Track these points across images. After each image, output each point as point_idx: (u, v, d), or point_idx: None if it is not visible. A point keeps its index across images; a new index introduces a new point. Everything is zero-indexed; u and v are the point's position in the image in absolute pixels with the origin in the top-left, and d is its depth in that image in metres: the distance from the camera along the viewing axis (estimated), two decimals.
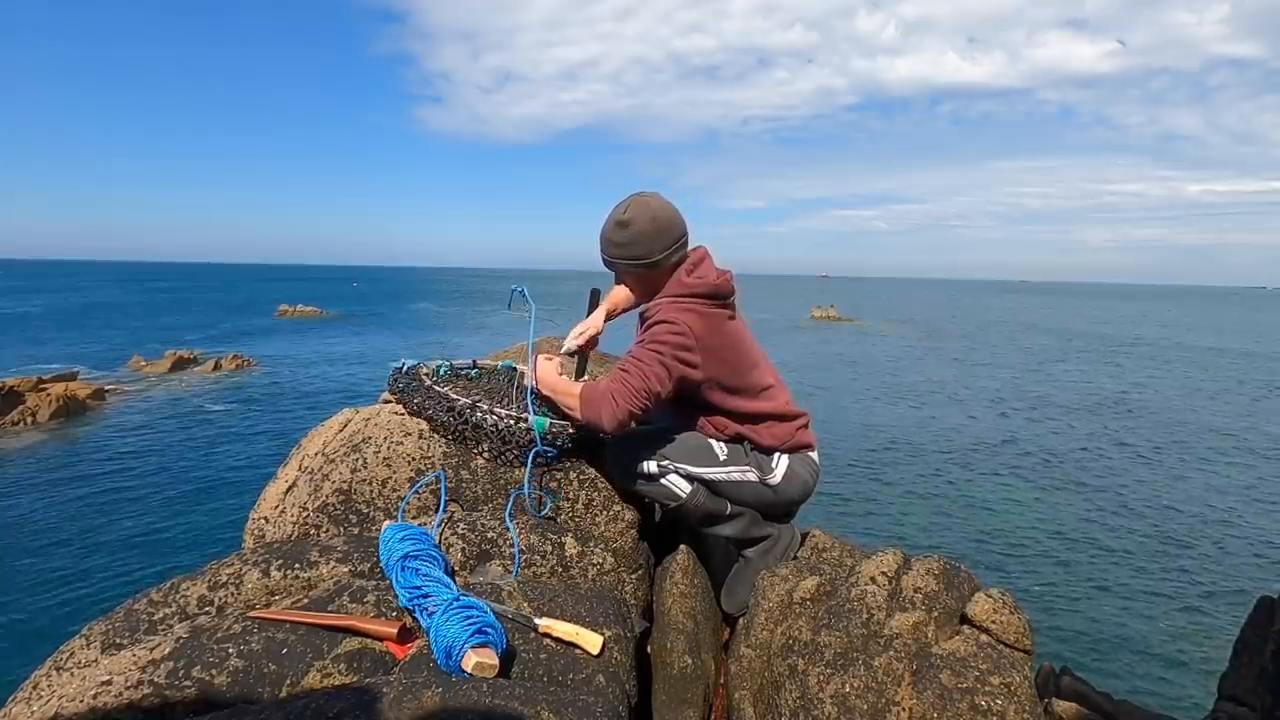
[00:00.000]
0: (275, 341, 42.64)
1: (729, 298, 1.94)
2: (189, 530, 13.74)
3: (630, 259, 1.91)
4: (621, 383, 1.76)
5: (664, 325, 1.81)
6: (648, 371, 1.77)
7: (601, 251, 1.97)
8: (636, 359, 1.80)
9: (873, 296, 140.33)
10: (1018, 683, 1.40)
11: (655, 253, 1.89)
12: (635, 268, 1.92)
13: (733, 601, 2.08)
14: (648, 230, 1.88)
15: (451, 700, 1.10)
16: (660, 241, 1.89)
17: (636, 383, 1.75)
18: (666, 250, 1.90)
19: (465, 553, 1.68)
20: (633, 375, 1.77)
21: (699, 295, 1.87)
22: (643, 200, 1.91)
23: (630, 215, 1.89)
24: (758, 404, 1.97)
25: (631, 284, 2.02)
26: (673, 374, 1.80)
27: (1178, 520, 14.75)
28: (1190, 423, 24.07)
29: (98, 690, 1.18)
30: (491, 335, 44.37)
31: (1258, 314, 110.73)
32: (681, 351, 1.80)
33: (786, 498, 2.05)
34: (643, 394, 1.75)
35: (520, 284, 2.28)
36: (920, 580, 1.64)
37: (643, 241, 1.88)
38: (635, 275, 1.97)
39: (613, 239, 1.92)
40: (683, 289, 1.88)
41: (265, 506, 2.02)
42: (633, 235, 1.88)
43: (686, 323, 1.81)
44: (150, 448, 19.21)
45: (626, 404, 1.74)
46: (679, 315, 1.82)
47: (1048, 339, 54.97)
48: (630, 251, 1.90)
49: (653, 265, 1.91)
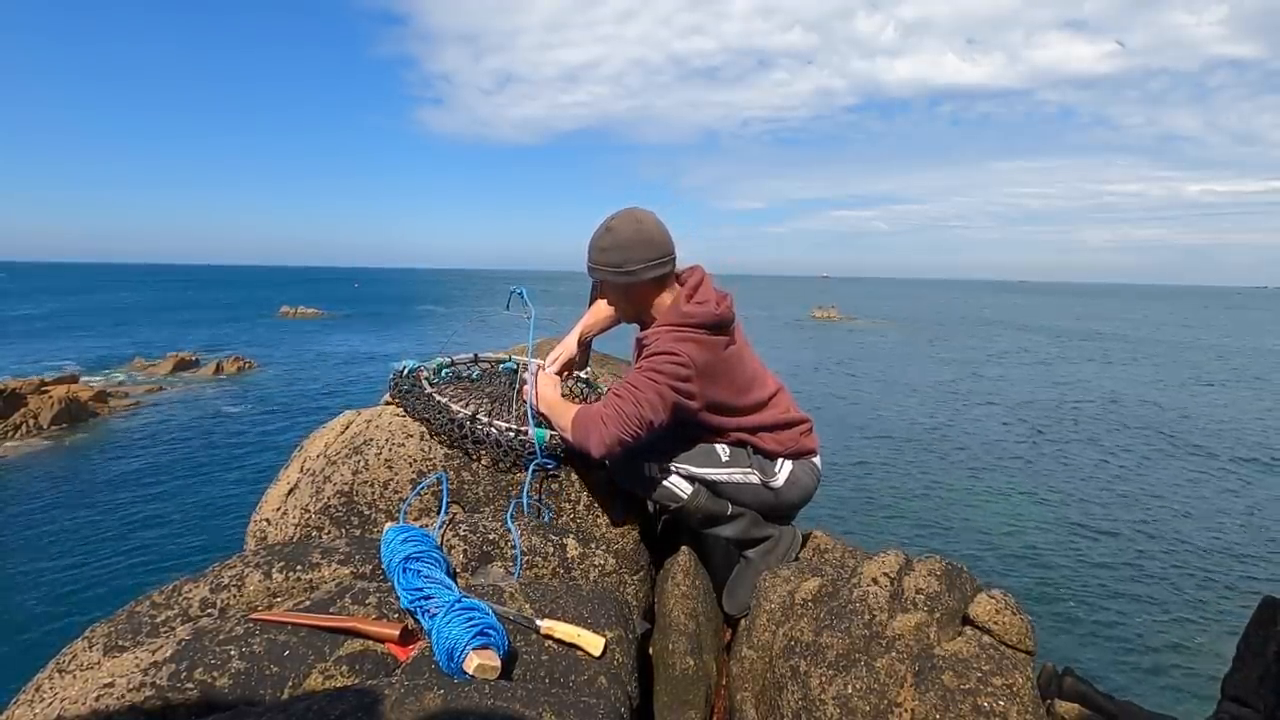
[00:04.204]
0: (277, 343, 42.69)
1: (729, 325, 1.90)
2: (190, 532, 13.76)
3: (608, 266, 1.87)
4: (614, 409, 1.72)
5: (664, 356, 1.77)
6: (641, 399, 1.72)
7: (586, 258, 1.94)
8: (632, 385, 1.75)
9: (873, 297, 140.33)
10: (1020, 684, 1.40)
11: (632, 263, 1.85)
12: (612, 276, 1.88)
13: (734, 603, 2.08)
14: (629, 240, 1.84)
15: (453, 702, 1.10)
16: (639, 253, 1.84)
17: (630, 409, 1.71)
18: (645, 263, 1.85)
19: (467, 554, 1.68)
20: (626, 401, 1.72)
21: (700, 325, 1.83)
22: (632, 212, 1.89)
23: (616, 224, 1.87)
24: (758, 418, 1.96)
25: (611, 297, 1.98)
26: (667, 404, 1.75)
27: (1180, 520, 14.73)
28: (1192, 423, 24.04)
29: (100, 692, 1.18)
30: (492, 335, 44.36)
31: (1261, 314, 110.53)
32: (680, 383, 1.76)
33: (787, 501, 2.05)
34: (635, 420, 1.70)
35: (519, 286, 2.27)
36: (922, 581, 1.64)
37: (622, 250, 1.84)
38: (614, 287, 1.93)
39: (596, 244, 1.90)
40: (683, 319, 1.84)
41: (267, 508, 2.02)
42: (614, 241, 1.86)
43: (687, 353, 1.77)
44: (152, 450, 19.24)
45: (617, 430, 1.70)
46: (679, 346, 1.78)
47: (1048, 339, 54.94)
48: (609, 258, 1.86)
49: (629, 275, 1.86)
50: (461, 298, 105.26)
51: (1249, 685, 2.26)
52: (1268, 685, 2.19)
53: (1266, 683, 2.19)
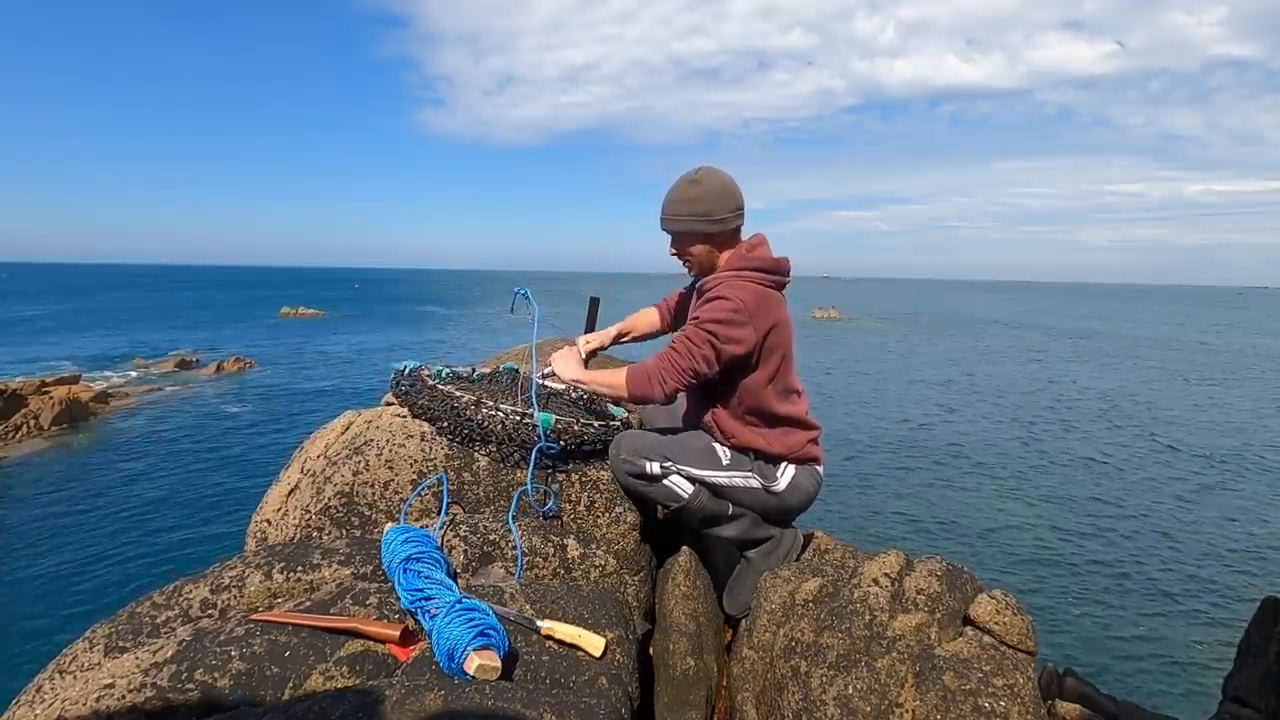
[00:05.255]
0: (277, 343, 42.71)
1: (786, 276, 2.01)
2: (191, 532, 13.76)
3: (697, 215, 1.97)
4: (670, 361, 1.90)
5: (720, 301, 1.88)
6: (696, 353, 1.87)
7: (665, 216, 2.02)
8: (688, 339, 1.89)
9: (874, 297, 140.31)
10: (1021, 684, 1.40)
11: (720, 211, 1.96)
12: (701, 224, 1.97)
13: (735, 603, 2.08)
14: (717, 190, 1.96)
15: (454, 703, 1.10)
16: (726, 203, 1.96)
17: (684, 363, 1.87)
18: (731, 212, 1.97)
19: (467, 555, 1.68)
20: (681, 355, 1.88)
21: (758, 269, 1.95)
22: (712, 168, 2.01)
23: (701, 177, 1.98)
24: (787, 406, 2.00)
25: (693, 248, 2.04)
26: (722, 355, 1.88)
27: (1182, 521, 14.71)
28: (1194, 424, 24.02)
29: (100, 693, 1.18)
30: (494, 336, 44.42)
31: (1259, 314, 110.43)
32: (732, 328, 1.86)
33: (788, 505, 2.06)
34: (690, 373, 1.88)
35: (524, 287, 2.28)
36: (923, 581, 1.64)
37: (711, 199, 1.95)
38: (698, 236, 2.00)
39: (684, 196, 1.98)
40: (743, 262, 1.96)
41: (267, 509, 2.02)
42: (702, 192, 1.96)
43: (741, 298, 1.87)
44: (152, 450, 19.25)
45: (674, 382, 1.89)
46: (735, 290, 1.89)
47: (1049, 339, 54.91)
48: (698, 208, 1.96)
49: (717, 223, 1.97)
50: (462, 298, 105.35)
51: (1250, 685, 2.27)
52: (1269, 685, 2.19)
53: (1268, 683, 2.19)
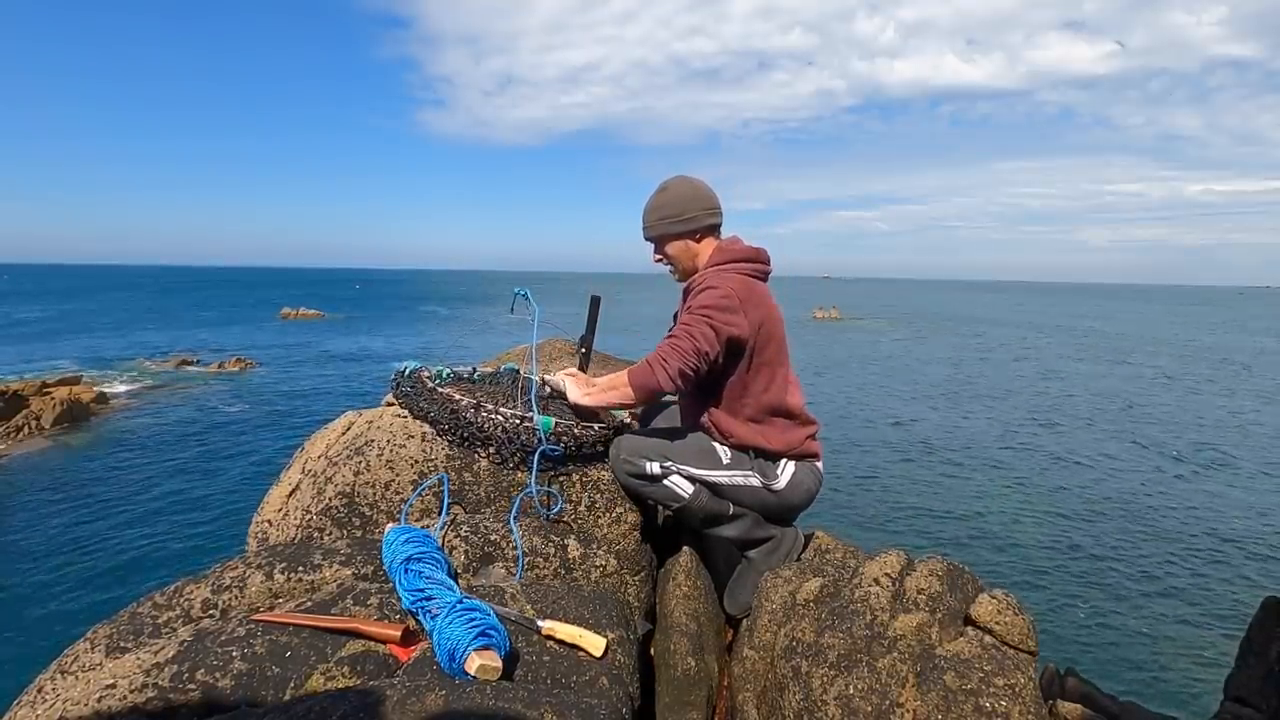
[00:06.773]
0: (278, 344, 42.72)
1: (768, 265, 2.05)
2: (192, 533, 13.76)
3: (667, 218, 2.01)
4: (672, 346, 1.90)
5: (709, 291, 1.92)
6: (696, 333, 1.89)
7: (643, 226, 2.07)
8: (686, 325, 1.92)
9: (874, 297, 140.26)
10: (1022, 684, 1.40)
11: (691, 210, 2.00)
12: (674, 226, 2.01)
13: (736, 603, 2.08)
14: (685, 192, 2.02)
15: (455, 703, 1.10)
16: (695, 204, 2.01)
17: (686, 345, 1.88)
18: (701, 211, 2.01)
19: (468, 555, 1.68)
20: (682, 339, 1.90)
21: (740, 259, 2.00)
22: (682, 176, 2.08)
23: (669, 184, 2.05)
24: (784, 398, 2.01)
25: (672, 252, 2.08)
26: (721, 335, 1.89)
27: (1183, 521, 14.70)
28: (1196, 424, 24.00)
29: (102, 694, 1.18)
30: (495, 337, 44.39)
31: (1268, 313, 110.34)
32: (727, 314, 1.90)
33: (789, 503, 2.05)
34: (693, 354, 1.88)
35: (524, 287, 2.28)
36: (924, 581, 1.64)
37: (680, 202, 2.00)
38: (675, 237, 2.04)
39: (655, 204, 2.03)
40: (724, 256, 2.01)
41: (268, 509, 2.02)
42: (670, 197, 2.01)
43: (730, 287, 1.92)
44: (153, 451, 19.26)
45: (678, 363, 1.87)
46: (722, 280, 1.93)
47: (1049, 339, 54.88)
48: (667, 211, 2.01)
49: (688, 222, 2.00)
50: (463, 298, 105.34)
51: (1252, 685, 2.26)
52: (1270, 685, 2.18)
53: (1269, 683, 2.19)
